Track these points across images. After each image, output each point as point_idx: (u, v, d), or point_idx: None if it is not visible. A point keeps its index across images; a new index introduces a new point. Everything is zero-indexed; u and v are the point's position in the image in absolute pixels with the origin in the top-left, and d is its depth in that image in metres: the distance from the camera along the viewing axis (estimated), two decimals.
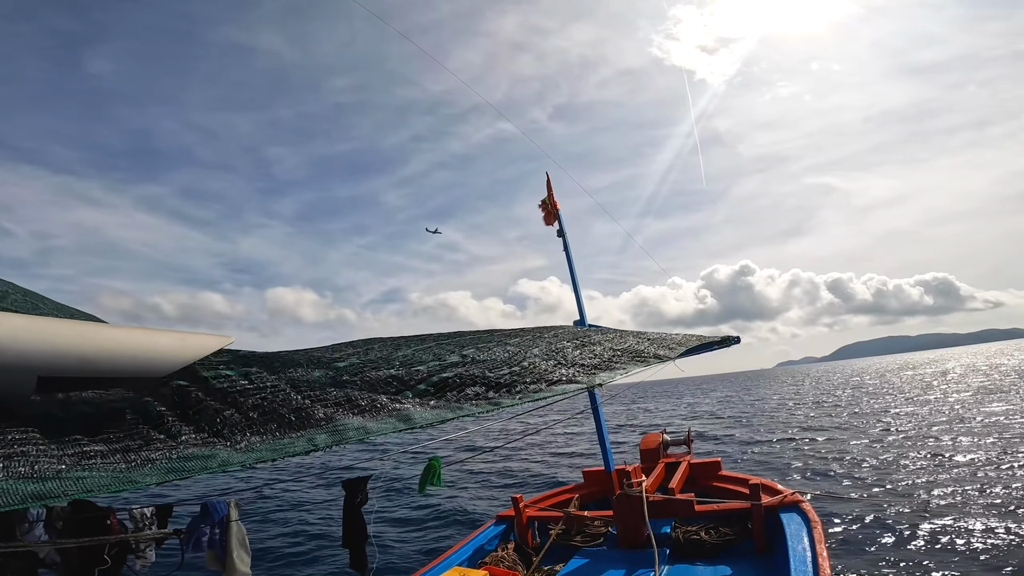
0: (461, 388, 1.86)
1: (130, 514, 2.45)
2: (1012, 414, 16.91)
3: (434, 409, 1.65)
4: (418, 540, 9.36)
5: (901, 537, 7.38)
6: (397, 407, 1.61)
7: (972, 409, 19.97)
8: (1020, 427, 14.65)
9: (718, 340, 4.28)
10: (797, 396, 41.11)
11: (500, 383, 1.93)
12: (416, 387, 1.78)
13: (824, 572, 3.70)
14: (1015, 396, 22.04)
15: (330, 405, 1.55)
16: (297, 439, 1.27)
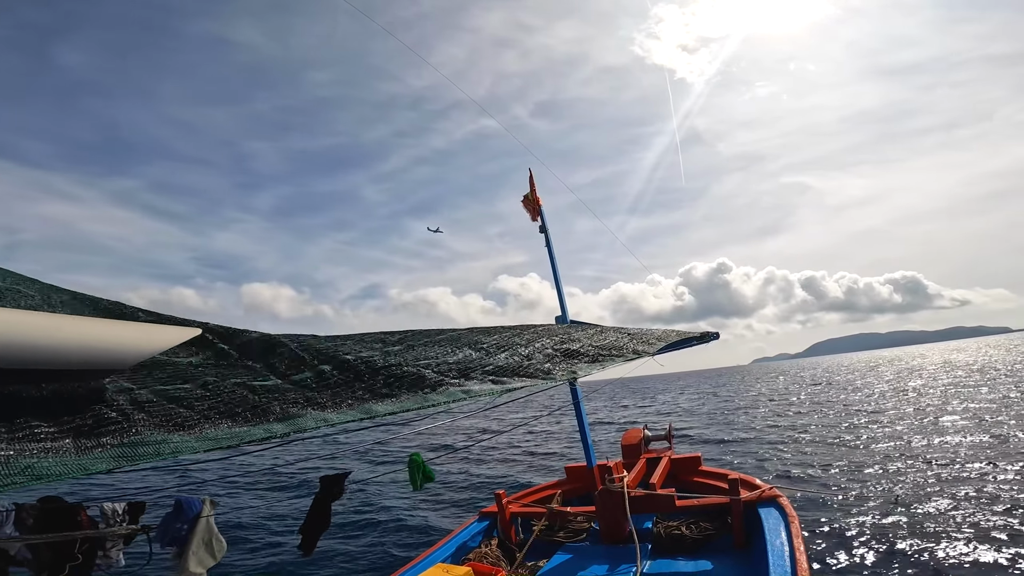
0: (431, 380, 1.81)
1: (101, 510, 2.42)
2: (978, 413, 17.24)
3: (399, 401, 1.62)
4: (399, 537, 9.32)
5: (874, 530, 7.47)
6: (361, 400, 1.59)
7: (939, 406, 20.33)
8: (982, 425, 14.97)
9: (698, 336, 4.31)
10: (771, 392, 41.58)
11: (472, 376, 1.91)
12: (384, 380, 1.75)
13: (801, 566, 3.73)
14: (981, 393, 22.47)
15: (291, 397, 1.52)
16: (254, 428, 1.25)
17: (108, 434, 1.17)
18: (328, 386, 1.65)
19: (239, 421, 1.29)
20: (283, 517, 11.06)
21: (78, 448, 1.04)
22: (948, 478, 9.73)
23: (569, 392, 5.84)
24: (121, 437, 1.14)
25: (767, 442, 16.69)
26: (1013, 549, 6.33)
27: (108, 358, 1.23)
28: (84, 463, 0.98)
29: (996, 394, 21.86)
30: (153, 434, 1.16)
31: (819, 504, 9.01)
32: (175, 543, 2.51)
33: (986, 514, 7.64)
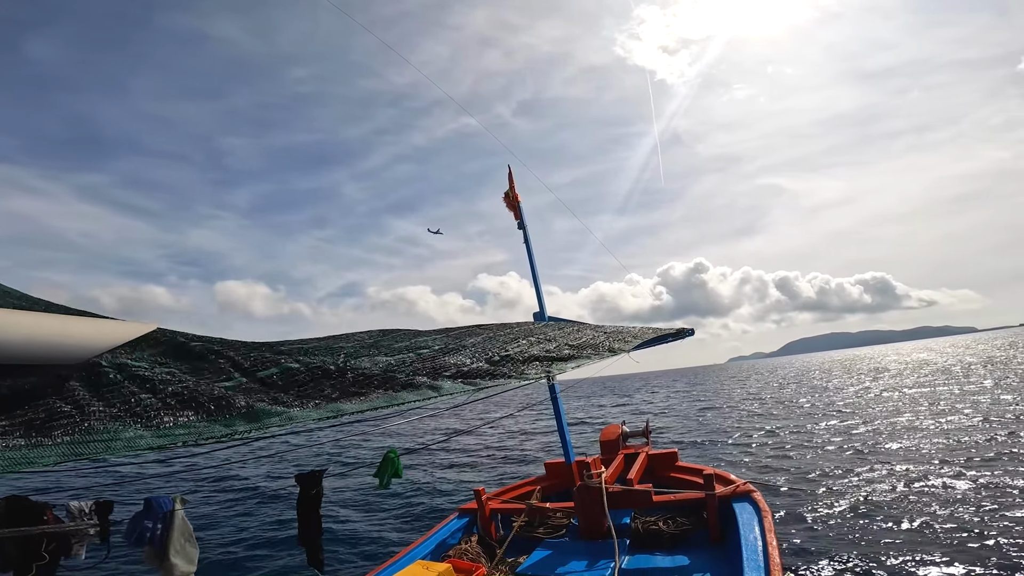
0: (402, 379, 1.78)
1: (67, 508, 2.38)
2: (944, 411, 17.70)
3: (368, 399, 1.60)
4: (379, 535, 9.29)
5: (844, 524, 7.62)
6: (329, 397, 1.57)
7: (908, 403, 20.81)
8: (947, 424, 15.37)
9: (673, 332, 4.36)
10: (746, 391, 42.19)
11: (444, 375, 1.90)
12: (353, 378, 1.73)
13: (774, 561, 3.79)
14: (950, 391, 23.05)
15: (255, 393, 1.50)
16: (215, 424, 1.23)
17: (60, 428, 1.13)
18: (295, 384, 1.61)
19: (201, 416, 1.27)
20: (252, 516, 11.00)
21: (29, 442, 1.01)
22: (915, 474, 9.94)
23: (546, 390, 5.87)
24: (73, 431, 1.10)
25: (742, 438, 16.96)
26: (978, 542, 6.49)
27: (61, 352, 1.21)
28: (31, 456, 0.96)
29: (963, 393, 22.41)
30: (107, 429, 1.13)
31: (791, 498, 9.18)
32: (147, 542, 2.47)
33: (950, 508, 7.84)
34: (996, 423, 14.31)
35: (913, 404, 20.55)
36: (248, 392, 1.48)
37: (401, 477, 3.09)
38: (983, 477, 9.30)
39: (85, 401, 1.21)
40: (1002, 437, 12.43)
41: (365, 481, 13.56)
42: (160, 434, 1.13)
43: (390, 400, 1.59)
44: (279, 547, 8.69)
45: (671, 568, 4.37)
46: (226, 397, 1.38)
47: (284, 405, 1.42)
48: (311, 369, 1.71)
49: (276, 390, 1.56)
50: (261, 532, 9.87)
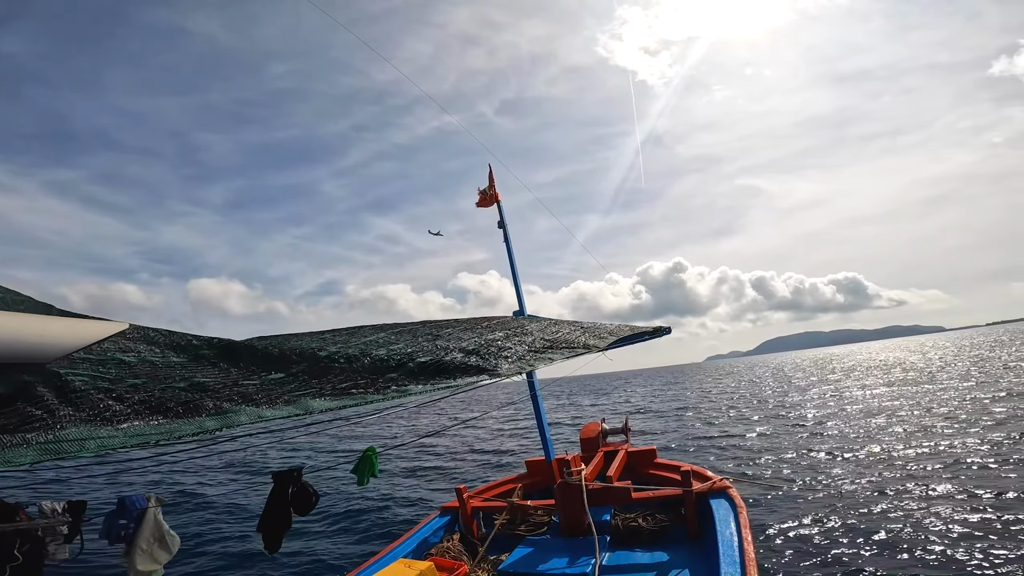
0: (372, 376, 1.79)
1: (40, 508, 2.36)
2: (914, 409, 18.10)
3: (334, 398, 1.61)
4: (360, 534, 9.25)
5: (816, 519, 7.76)
6: (296, 396, 1.57)
7: (880, 402, 21.19)
8: (915, 420, 15.73)
9: (650, 331, 4.42)
10: (723, 389, 42.67)
11: (415, 372, 1.91)
12: (324, 377, 1.74)
13: (749, 556, 3.86)
14: (921, 390, 23.57)
15: (224, 393, 1.49)
16: (184, 424, 1.23)
17: (33, 430, 1.13)
18: (265, 382, 1.61)
19: (170, 416, 1.28)
20: (233, 513, 10.91)
21: (1, 444, 1.02)
22: (886, 471, 10.16)
23: (522, 388, 5.90)
24: (45, 432, 1.10)
25: (718, 436, 17.21)
26: (949, 537, 6.64)
27: (30, 352, 1.21)
28: (6, 456, 0.97)
29: (934, 391, 22.91)
30: (79, 429, 1.13)
31: (765, 494, 9.34)
32: (122, 541, 2.46)
33: (923, 504, 8.02)
34: (965, 421, 14.67)
35: (885, 403, 20.97)
36: (217, 392, 1.48)
37: (377, 476, 3.09)
38: (955, 473, 9.54)
39: (56, 403, 1.21)
40: (973, 434, 12.75)
41: (343, 479, 13.51)
42: (131, 434, 1.14)
43: (360, 399, 1.60)
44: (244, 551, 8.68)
45: (651, 564, 4.43)
46: (194, 401, 1.38)
47: (253, 404, 1.43)
48: (282, 366, 1.71)
49: (246, 387, 1.54)
50: (232, 534, 9.81)
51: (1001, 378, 24.29)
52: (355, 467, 3.08)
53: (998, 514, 7.10)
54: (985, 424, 13.65)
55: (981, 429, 13.09)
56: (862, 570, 6.06)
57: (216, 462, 18.05)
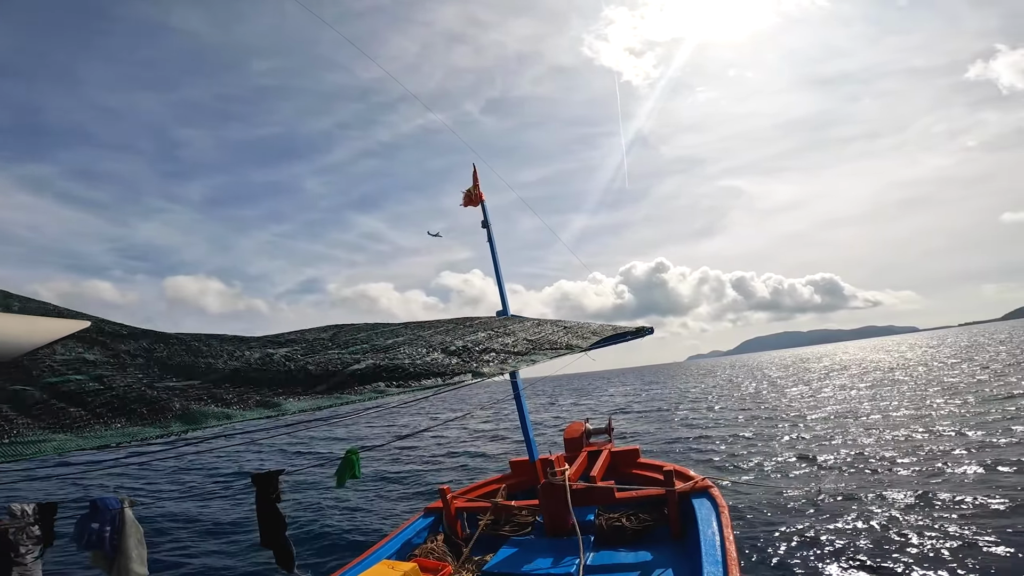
0: (351, 377, 1.73)
1: (8, 510, 2.29)
2: (888, 408, 18.40)
3: (310, 398, 1.56)
4: (342, 536, 9.15)
5: (796, 518, 7.83)
6: (268, 397, 1.52)
7: (858, 401, 21.52)
8: (891, 420, 15.98)
9: (632, 331, 4.42)
10: (705, 388, 43.07)
11: (391, 372, 1.86)
12: (297, 377, 1.68)
13: (731, 555, 3.86)
14: (895, 389, 23.98)
15: (193, 393, 1.43)
16: (148, 427, 1.16)
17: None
18: (238, 382, 1.56)
19: (134, 420, 1.22)
20: (202, 519, 10.75)
21: None
22: (864, 469, 10.29)
23: (505, 388, 5.89)
24: (1, 436, 1.07)
25: (700, 435, 17.34)
26: (925, 533, 6.73)
27: None
28: None
29: (906, 391, 23.30)
30: (38, 432, 1.09)
31: (746, 493, 9.42)
32: (95, 546, 2.39)
33: (897, 500, 8.15)
34: (938, 420, 14.92)
35: (862, 401, 21.27)
36: (184, 393, 1.42)
37: (359, 478, 3.04)
38: (934, 472, 9.67)
39: (11, 406, 1.16)
40: (947, 434, 12.96)
41: (324, 481, 13.40)
42: (92, 437, 1.09)
43: (337, 400, 1.56)
44: (244, 552, 8.54)
45: (634, 564, 4.42)
46: (159, 401, 1.33)
47: (223, 404, 1.38)
48: (255, 366, 1.66)
49: (216, 388, 1.49)
50: (221, 536, 9.66)
51: (979, 377, 24.75)
52: (337, 469, 3.03)
53: (976, 512, 7.22)
54: (956, 423, 13.89)
55: (956, 428, 13.31)
56: (842, 568, 6.12)
57: (182, 464, 17.85)
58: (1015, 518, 6.83)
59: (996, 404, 16.18)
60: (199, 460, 18.76)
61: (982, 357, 38.38)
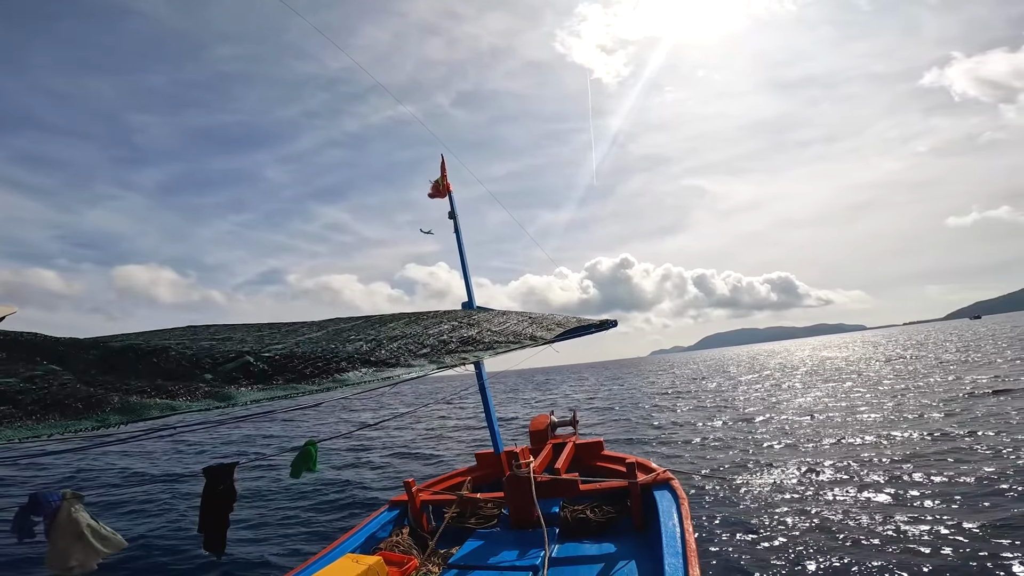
0: (303, 368, 1.65)
1: None
2: (844, 403, 19.10)
3: (263, 389, 1.47)
4: (304, 530, 8.95)
5: (753, 509, 8.03)
6: (217, 387, 1.42)
7: (813, 396, 22.27)
8: (843, 413, 16.60)
9: (597, 323, 4.43)
10: (666, 383, 43.98)
11: (358, 362, 1.79)
12: (251, 366, 1.59)
13: (690, 547, 3.91)
14: (852, 386, 24.92)
15: (135, 385, 1.32)
16: (84, 420, 1.08)
17: None
18: (181, 373, 1.46)
19: (68, 414, 1.13)
20: (152, 513, 10.43)
21: None
22: (819, 463, 10.60)
23: (470, 381, 5.83)
24: None
25: (662, 428, 17.70)
26: (880, 525, 6.96)
27: None
28: None
29: (862, 386, 24.24)
30: None
31: (705, 485, 9.61)
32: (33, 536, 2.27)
33: (852, 492, 8.44)
34: (890, 413, 15.58)
35: (817, 396, 22.04)
36: (124, 386, 1.32)
37: (315, 471, 2.95)
38: (885, 462, 10.09)
39: None
40: (898, 427, 13.54)
41: (282, 474, 13.15)
42: (22, 429, 1.00)
43: (292, 390, 1.49)
44: (182, 542, 8.30)
45: (599, 556, 4.42)
46: (96, 396, 1.23)
47: (168, 396, 1.29)
48: (201, 354, 1.56)
49: (161, 378, 1.40)
50: (164, 526, 9.38)
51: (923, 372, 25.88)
52: (294, 460, 2.93)
53: (929, 506, 7.50)
54: (909, 419, 14.51)
55: (906, 423, 13.90)
56: (795, 559, 6.29)
57: (133, 457, 17.28)
58: (980, 511, 7.05)
59: (949, 401, 16.94)
60: (151, 453, 18.17)
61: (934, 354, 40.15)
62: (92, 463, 16.14)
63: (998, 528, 6.35)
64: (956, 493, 7.75)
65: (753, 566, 6.11)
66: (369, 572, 3.76)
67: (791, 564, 6.09)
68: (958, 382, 20.43)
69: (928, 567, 5.66)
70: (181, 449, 19.65)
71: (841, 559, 6.07)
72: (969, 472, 8.64)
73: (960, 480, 8.33)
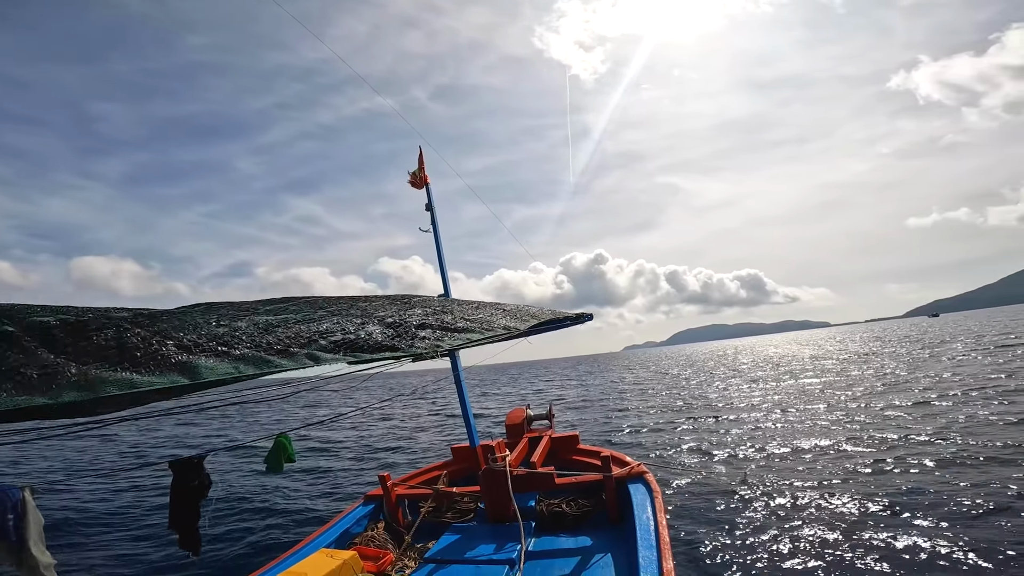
0: (279, 343, 1.60)
1: None
2: (811, 397, 19.58)
3: (233, 361, 1.40)
4: (277, 524, 8.77)
5: (723, 501, 8.14)
6: (184, 358, 1.33)
7: (783, 391, 22.68)
8: (812, 407, 17.00)
9: (573, 316, 4.43)
10: (639, 378, 44.44)
11: (323, 347, 1.72)
12: (220, 338, 1.52)
13: (664, 539, 3.94)
14: (818, 380, 25.52)
15: (92, 350, 1.23)
16: (36, 399, 1.00)
17: None
18: (140, 345, 1.36)
19: (20, 388, 1.03)
20: (111, 508, 10.11)
21: None
22: (787, 456, 10.85)
23: (445, 374, 5.78)
24: None
25: (635, 422, 17.83)
26: (845, 520, 7.09)
27: None
28: None
29: (829, 381, 24.84)
30: None
31: (678, 478, 9.74)
32: (2, 536, 2.16)
33: (819, 484, 8.64)
34: (852, 407, 16.00)
35: (784, 391, 22.52)
36: (81, 353, 1.23)
37: (295, 462, 2.88)
38: (846, 459, 10.35)
39: None
40: (859, 419, 13.90)
41: (254, 467, 12.89)
42: None
43: (261, 367, 1.42)
44: (150, 538, 8.05)
45: (575, 549, 4.43)
46: (52, 364, 1.14)
47: (128, 369, 1.21)
48: (161, 327, 1.47)
49: (117, 346, 1.31)
50: (130, 522, 9.10)
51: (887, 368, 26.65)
52: (267, 455, 2.84)
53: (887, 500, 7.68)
54: (872, 413, 14.91)
55: (868, 417, 14.28)
56: (765, 548, 6.39)
57: (88, 447, 16.67)
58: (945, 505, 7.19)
59: (906, 394, 17.45)
60: (107, 442, 17.56)
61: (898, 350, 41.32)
62: (28, 449, 15.51)
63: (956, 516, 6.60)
64: (913, 483, 8.02)
65: (724, 557, 6.19)
66: (344, 567, 3.70)
67: (760, 555, 6.19)
68: (915, 379, 21.14)
69: (887, 553, 5.83)
70: (139, 442, 18.98)
71: (807, 547, 6.20)
72: (924, 464, 8.96)
73: (914, 472, 8.63)
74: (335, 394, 41.63)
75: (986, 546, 5.67)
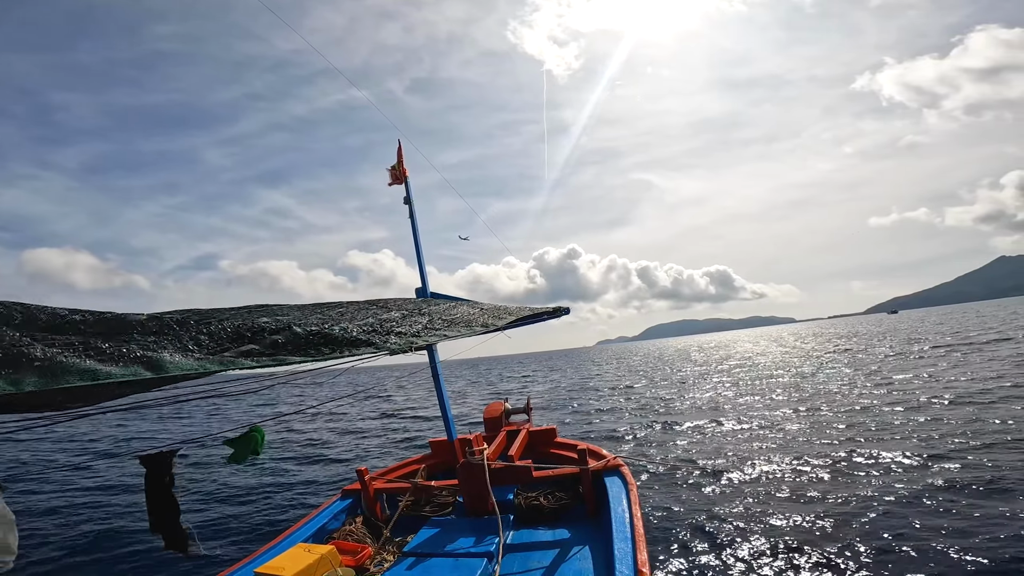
0: (247, 343, 1.55)
1: None
2: (778, 391, 19.97)
3: (199, 359, 1.35)
4: (251, 519, 8.62)
5: (695, 494, 8.25)
6: (148, 353, 1.28)
7: (752, 384, 23.14)
8: (780, 401, 17.33)
9: (549, 311, 4.43)
10: (613, 372, 44.81)
11: (295, 341, 1.69)
12: (192, 336, 1.46)
13: (639, 531, 3.97)
14: (785, 373, 26.10)
15: (59, 344, 1.17)
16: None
17: None
18: (114, 333, 1.33)
19: None
20: (79, 506, 9.84)
21: None
22: (757, 449, 11.01)
23: (423, 369, 5.71)
24: None
25: (610, 416, 18.04)
26: (817, 506, 7.24)
27: None
28: None
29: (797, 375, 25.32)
30: None
31: (652, 471, 9.85)
32: None
33: (789, 473, 8.81)
34: (818, 402, 16.34)
35: (755, 384, 22.92)
36: (46, 339, 1.18)
37: (260, 455, 2.78)
38: (819, 447, 10.56)
39: None
40: (824, 413, 14.19)
41: (221, 461, 12.62)
42: None
43: (231, 364, 1.39)
44: (130, 539, 7.84)
45: (553, 542, 4.44)
46: (17, 344, 1.08)
47: (98, 359, 1.16)
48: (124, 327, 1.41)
49: (86, 335, 1.27)
50: (106, 521, 8.84)
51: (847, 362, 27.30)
52: (233, 441, 2.72)
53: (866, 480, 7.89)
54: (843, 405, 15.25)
55: (837, 409, 14.60)
56: (738, 537, 6.48)
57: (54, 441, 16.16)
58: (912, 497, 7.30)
59: (877, 386, 17.87)
60: (72, 436, 17.03)
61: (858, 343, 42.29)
62: None
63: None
64: (889, 466, 8.22)
65: (697, 548, 6.27)
66: (322, 561, 3.65)
67: (733, 545, 6.27)
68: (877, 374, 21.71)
69: (861, 544, 5.97)
70: (106, 436, 18.41)
71: (776, 535, 6.33)
72: (894, 447, 9.22)
73: (882, 455, 8.87)
74: (308, 389, 41.08)
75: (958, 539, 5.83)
